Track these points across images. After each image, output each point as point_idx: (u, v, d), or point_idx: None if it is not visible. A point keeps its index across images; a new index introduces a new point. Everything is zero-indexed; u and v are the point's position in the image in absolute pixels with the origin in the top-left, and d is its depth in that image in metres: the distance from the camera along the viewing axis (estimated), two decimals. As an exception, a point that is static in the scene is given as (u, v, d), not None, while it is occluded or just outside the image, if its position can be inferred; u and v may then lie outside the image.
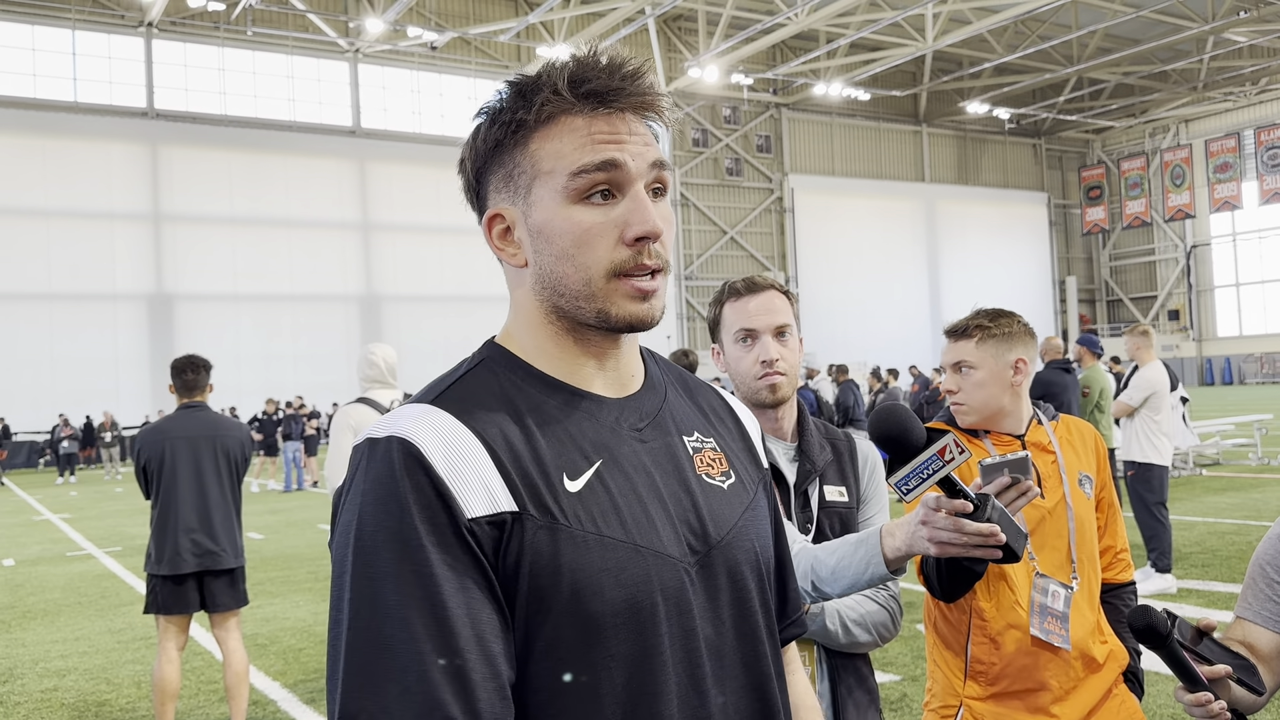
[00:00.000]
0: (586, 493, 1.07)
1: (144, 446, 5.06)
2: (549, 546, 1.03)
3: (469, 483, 1.03)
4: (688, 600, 1.09)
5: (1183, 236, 55.38)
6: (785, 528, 1.38)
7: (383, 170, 38.62)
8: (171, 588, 4.97)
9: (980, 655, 2.34)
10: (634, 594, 1.05)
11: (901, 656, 5.99)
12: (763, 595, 1.19)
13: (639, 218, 1.09)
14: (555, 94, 1.10)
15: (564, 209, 1.10)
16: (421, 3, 37.26)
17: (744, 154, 46.14)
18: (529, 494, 1.04)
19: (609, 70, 1.10)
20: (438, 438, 1.04)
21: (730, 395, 1.38)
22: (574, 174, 1.09)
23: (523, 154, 1.12)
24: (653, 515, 1.09)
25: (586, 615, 1.03)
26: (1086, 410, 9.15)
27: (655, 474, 1.13)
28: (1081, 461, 2.48)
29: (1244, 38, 41.80)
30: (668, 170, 1.14)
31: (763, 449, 1.34)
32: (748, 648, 1.15)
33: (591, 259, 1.10)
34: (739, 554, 1.16)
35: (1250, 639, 1.87)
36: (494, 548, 1.02)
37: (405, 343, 35.56)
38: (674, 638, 1.07)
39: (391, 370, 5.14)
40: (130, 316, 34.32)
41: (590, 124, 1.10)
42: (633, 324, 1.12)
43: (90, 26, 34.14)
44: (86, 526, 15.22)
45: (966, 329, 2.45)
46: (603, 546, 1.05)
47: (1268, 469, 14.76)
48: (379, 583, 0.99)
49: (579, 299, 1.11)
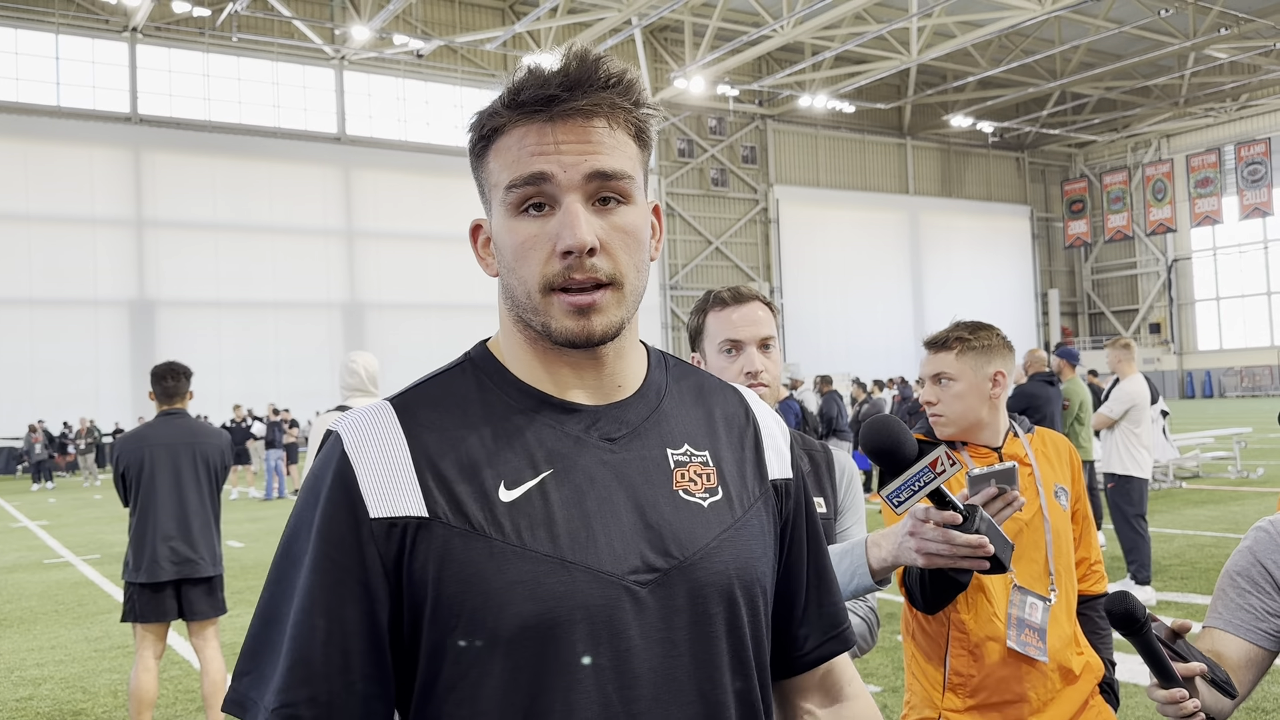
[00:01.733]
0: (522, 503, 1.06)
1: (123, 453, 5.02)
2: (462, 554, 1.03)
3: (381, 484, 1.06)
4: (623, 619, 1.05)
5: (1164, 250, 55.79)
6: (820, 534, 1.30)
7: (367, 177, 38.51)
8: (149, 596, 4.93)
9: (959, 667, 2.35)
10: (550, 609, 1.03)
11: (883, 668, 6.00)
12: (732, 622, 1.12)
13: (566, 231, 1.06)
14: (501, 108, 1.11)
15: (507, 221, 1.11)
16: (408, 11, 37.22)
17: (729, 165, 46.25)
18: (447, 500, 1.05)
19: (546, 79, 1.08)
20: (369, 437, 1.09)
21: (754, 397, 1.31)
22: (507, 187, 1.09)
23: (484, 168, 1.14)
24: (595, 530, 1.07)
25: (495, 626, 1.02)
26: (1066, 422, 9.20)
27: (615, 487, 1.10)
28: (1057, 473, 2.49)
29: (1225, 54, 42.19)
30: (619, 179, 1.09)
31: (789, 456, 1.28)
32: (704, 675, 1.09)
33: (527, 272, 1.09)
34: (704, 576, 1.10)
35: (1219, 648, 1.85)
36: (396, 550, 1.05)
37: (388, 350, 35.47)
38: (602, 657, 1.04)
39: (372, 378, 5.12)
40: (112, 322, 34.07)
41: (524, 136, 1.09)
42: (572, 340, 1.09)
43: (74, 31, 33.94)
44: (64, 534, 15.09)
45: (946, 341, 2.47)
46: (521, 559, 1.04)
47: (1246, 482, 14.86)
48: (284, 565, 1.09)
49: (527, 311, 1.11)
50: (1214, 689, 1.67)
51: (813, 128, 48.72)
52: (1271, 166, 49.58)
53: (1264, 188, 49.95)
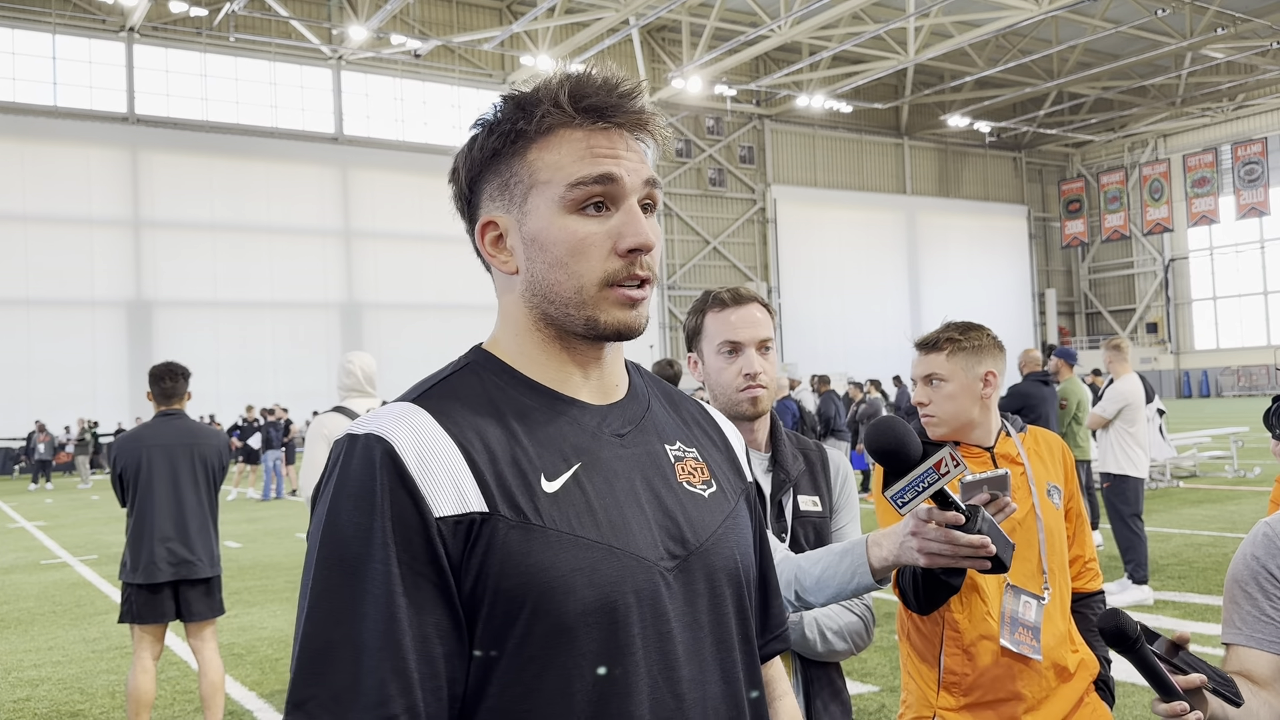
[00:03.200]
0: (563, 494, 1.09)
1: (120, 454, 5.02)
2: (521, 546, 1.05)
3: (440, 483, 1.05)
4: (663, 603, 1.10)
5: (1161, 250, 55.86)
6: (769, 541, 1.38)
7: (365, 177, 38.50)
8: (147, 597, 4.93)
9: (953, 666, 2.36)
10: (607, 594, 1.06)
11: (880, 667, 6.01)
12: (739, 603, 1.20)
13: (632, 230, 1.13)
14: (555, 107, 1.13)
15: (560, 218, 1.13)
16: (405, 10, 37.21)
17: (727, 164, 46.27)
18: (501, 494, 1.06)
19: (607, 87, 1.14)
20: (413, 437, 1.07)
21: (711, 408, 1.40)
22: (572, 185, 1.12)
23: (520, 163, 1.16)
24: (629, 518, 1.11)
25: (558, 614, 1.04)
26: (1064, 422, 9.21)
27: (635, 478, 1.15)
28: (1049, 472, 2.50)
29: (1221, 54, 42.24)
30: (658, 188, 1.18)
31: (747, 463, 1.36)
32: (723, 653, 1.16)
33: (585, 268, 1.13)
34: (717, 561, 1.17)
35: (1246, 666, 1.78)
36: (461, 547, 1.05)
37: (386, 350, 35.46)
38: (648, 639, 1.08)
39: (369, 379, 5.12)
40: (109, 322, 34.05)
41: (589, 138, 1.14)
42: (620, 331, 1.15)
43: (71, 31, 33.93)
44: (62, 534, 15.08)
45: (937, 342, 2.48)
46: (577, 546, 1.06)
47: (1244, 481, 14.89)
48: (342, 576, 1.03)
49: (569, 306, 1.14)
50: (1218, 696, 1.65)
51: (810, 128, 48.74)
52: (1268, 166, 49.68)
53: (1260, 187, 50.04)
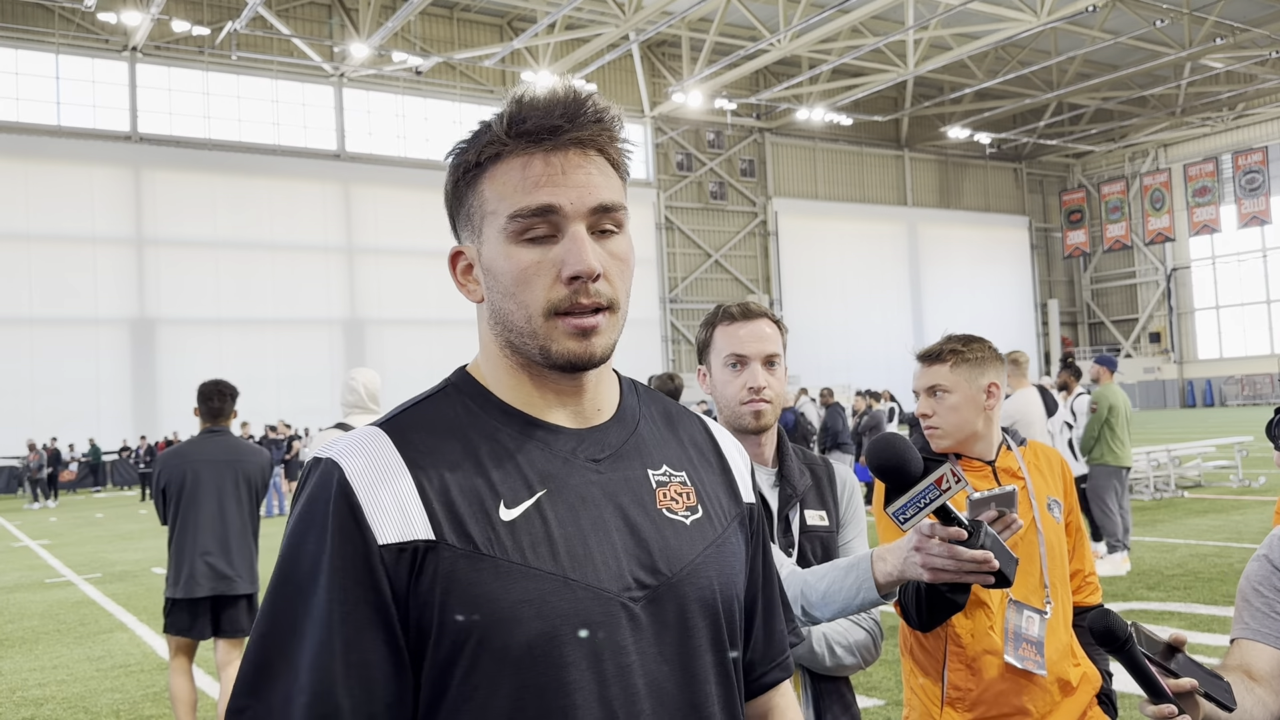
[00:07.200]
0: (521, 522, 1.07)
1: (164, 469, 5.06)
2: (468, 575, 1.04)
3: (386, 510, 1.05)
4: (622, 636, 1.07)
5: (1163, 260, 55.85)
6: (773, 561, 1.35)
7: (367, 194, 38.58)
8: (186, 611, 4.98)
9: (957, 681, 2.35)
10: (556, 626, 1.04)
11: (886, 681, 5.99)
12: (715, 635, 1.16)
13: (575, 257, 1.09)
14: (496, 135, 1.11)
15: (506, 248, 1.12)
16: (406, 28, 37.35)
17: (728, 178, 46.34)
18: (450, 523, 1.06)
19: (547, 108, 1.10)
20: (367, 463, 1.08)
21: (716, 425, 1.37)
22: (511, 216, 1.11)
23: (474, 195, 1.15)
24: (592, 548, 1.09)
25: (504, 645, 1.03)
26: (1095, 427, 9.33)
27: (605, 506, 1.12)
28: (1050, 487, 2.51)
29: (1221, 64, 42.32)
30: (618, 210, 1.14)
31: (750, 483, 1.32)
32: (694, 687, 1.13)
33: (530, 297, 1.11)
34: (691, 591, 1.14)
35: (1249, 660, 1.79)
36: (406, 575, 1.04)
37: (389, 367, 35.42)
38: (604, 673, 1.06)
39: (372, 395, 5.14)
40: (112, 340, 34.06)
41: (526, 165, 1.11)
42: (573, 362, 1.12)
43: (74, 51, 34.06)
44: (66, 553, 15.07)
45: (940, 353, 2.48)
46: (527, 577, 1.05)
47: (1249, 491, 14.84)
48: (289, 596, 1.06)
49: (524, 335, 1.13)
50: (1210, 701, 1.64)
51: (810, 140, 48.84)
52: (1269, 175, 49.71)
53: (1262, 196, 50.06)
